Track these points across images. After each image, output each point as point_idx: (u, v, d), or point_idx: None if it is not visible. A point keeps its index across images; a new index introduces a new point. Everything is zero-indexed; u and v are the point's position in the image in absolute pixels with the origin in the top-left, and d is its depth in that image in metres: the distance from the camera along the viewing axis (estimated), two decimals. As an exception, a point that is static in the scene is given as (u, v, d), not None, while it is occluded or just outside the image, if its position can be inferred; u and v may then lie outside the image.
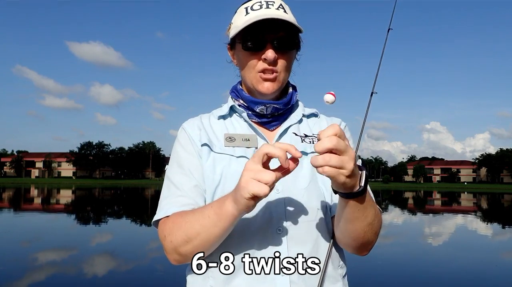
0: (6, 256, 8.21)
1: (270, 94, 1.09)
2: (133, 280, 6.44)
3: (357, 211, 0.93)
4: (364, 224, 0.97)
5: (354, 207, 0.92)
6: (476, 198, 44.08)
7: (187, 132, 1.13)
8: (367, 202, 0.94)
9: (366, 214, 0.95)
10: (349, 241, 1.02)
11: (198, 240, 0.95)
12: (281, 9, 1.06)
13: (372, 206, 0.98)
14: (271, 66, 1.06)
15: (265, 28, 1.04)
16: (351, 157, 0.82)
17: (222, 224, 0.92)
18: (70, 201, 28.82)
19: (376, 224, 1.00)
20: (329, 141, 0.80)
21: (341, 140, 0.81)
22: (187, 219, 0.97)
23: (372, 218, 0.98)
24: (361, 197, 0.91)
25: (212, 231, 0.93)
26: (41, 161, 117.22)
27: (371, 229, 0.99)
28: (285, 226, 1.01)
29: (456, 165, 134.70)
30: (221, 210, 0.91)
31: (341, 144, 0.81)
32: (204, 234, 0.94)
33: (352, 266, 1.18)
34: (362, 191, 0.89)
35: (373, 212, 0.98)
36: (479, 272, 7.42)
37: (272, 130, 1.14)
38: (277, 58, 1.06)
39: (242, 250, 1.00)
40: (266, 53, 1.04)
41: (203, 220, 0.93)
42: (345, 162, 0.81)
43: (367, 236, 1.00)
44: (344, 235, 1.01)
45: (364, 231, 0.98)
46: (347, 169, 0.81)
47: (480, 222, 17.28)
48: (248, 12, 1.07)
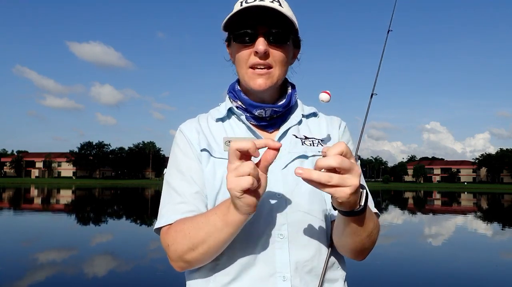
0: (6, 256, 8.20)
1: (263, 91, 1.05)
2: (133, 280, 6.44)
3: (357, 227, 0.93)
4: (363, 236, 0.96)
5: (354, 223, 0.92)
6: (476, 198, 44.05)
7: (186, 135, 1.10)
8: (365, 217, 0.93)
9: (365, 227, 0.94)
10: (347, 251, 1.02)
11: (205, 247, 0.94)
12: (276, 2, 1.03)
13: (371, 218, 0.97)
14: (263, 59, 1.03)
15: (257, 20, 1.01)
16: (356, 175, 0.81)
17: (229, 230, 0.91)
18: (70, 201, 28.80)
19: (374, 233, 1.00)
20: (334, 160, 0.79)
21: (345, 159, 0.79)
22: (191, 227, 0.95)
23: (371, 229, 0.97)
24: (361, 215, 0.90)
25: (218, 237, 0.92)
26: (41, 161, 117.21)
27: (369, 239, 0.99)
28: (287, 230, 1.00)
29: (456, 165, 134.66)
30: (227, 217, 0.89)
31: (345, 163, 0.79)
32: (211, 241, 0.93)
33: (352, 267, 1.18)
34: (362, 211, 0.88)
35: (371, 224, 0.97)
36: (479, 272, 7.42)
37: (271, 132, 1.12)
38: (269, 52, 1.03)
39: (243, 254, 0.99)
40: (256, 45, 1.01)
41: (209, 228, 0.92)
42: (347, 180, 0.80)
43: (366, 245, 1.00)
44: (343, 246, 1.01)
45: (362, 243, 0.98)
46: (351, 186, 0.80)
47: (480, 222, 17.26)
48: (242, 5, 1.04)
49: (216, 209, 0.94)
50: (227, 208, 0.89)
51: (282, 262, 0.99)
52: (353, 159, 0.82)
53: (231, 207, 0.88)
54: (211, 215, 0.93)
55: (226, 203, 0.91)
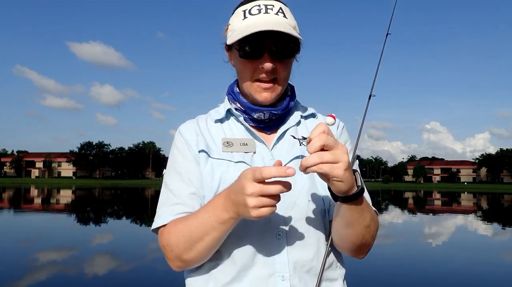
0: (6, 256, 8.21)
1: (268, 103, 1.07)
2: (134, 280, 6.44)
3: (356, 213, 0.94)
4: (362, 227, 0.97)
5: (353, 210, 0.93)
6: (476, 198, 44.06)
7: (184, 136, 1.11)
8: (364, 205, 0.95)
9: (364, 217, 0.96)
10: (347, 245, 1.02)
11: (201, 246, 0.95)
12: (280, 13, 1.03)
13: (369, 209, 0.99)
14: (269, 75, 1.04)
15: (263, 35, 1.00)
16: (343, 151, 0.84)
17: (224, 228, 0.93)
18: (70, 201, 28.81)
19: (373, 227, 1.01)
20: (319, 139, 0.82)
21: (329, 137, 0.83)
22: (185, 227, 0.96)
23: (369, 221, 0.98)
24: (359, 199, 0.92)
25: (214, 236, 0.94)
26: (41, 161, 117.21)
27: (368, 232, 1.00)
28: (285, 230, 1.01)
29: (456, 165, 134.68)
30: (222, 218, 0.91)
31: (330, 140, 0.83)
32: (207, 240, 0.94)
33: (351, 267, 1.18)
34: (361, 191, 0.90)
35: (369, 215, 0.98)
36: (479, 272, 7.42)
37: (270, 134, 1.13)
38: (275, 67, 1.03)
39: (242, 254, 1.00)
40: (263, 62, 1.02)
41: (203, 227, 0.93)
42: (338, 156, 0.83)
43: (365, 238, 1.00)
44: (343, 240, 1.01)
45: (362, 234, 0.99)
46: (342, 161, 0.83)
47: (480, 222, 17.27)
48: (246, 16, 1.03)
49: (208, 207, 0.95)
50: (222, 207, 0.90)
51: (280, 262, 0.99)
52: (334, 138, 0.85)
53: (228, 206, 0.89)
54: (205, 215, 0.94)
55: (219, 201, 0.92)
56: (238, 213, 0.88)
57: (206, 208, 0.95)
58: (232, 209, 0.89)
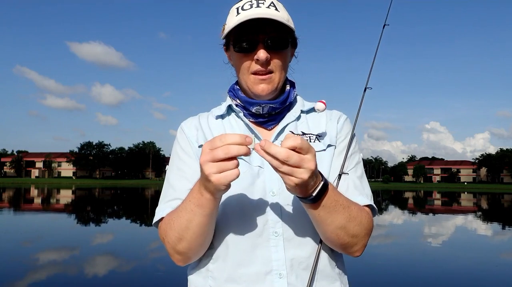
0: (6, 256, 8.21)
1: (266, 95, 1.09)
2: (134, 280, 6.44)
3: (323, 214, 0.93)
4: (333, 227, 0.96)
5: (315, 211, 0.93)
6: (476, 198, 44.06)
7: (185, 132, 1.14)
8: (332, 208, 0.93)
9: (333, 218, 0.95)
10: (329, 243, 1.02)
11: (190, 234, 0.96)
12: (272, 7, 1.04)
13: (342, 212, 0.95)
14: (264, 66, 1.06)
15: (256, 29, 1.03)
16: (313, 156, 0.83)
17: (203, 211, 0.93)
18: (70, 201, 28.81)
19: (352, 227, 0.98)
20: (294, 140, 0.81)
21: (305, 141, 0.82)
22: (174, 218, 0.99)
23: (343, 222, 0.96)
24: (315, 204, 0.91)
25: (196, 222, 0.94)
26: (41, 161, 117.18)
27: (344, 232, 0.97)
28: (282, 228, 1.01)
29: (456, 165, 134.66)
30: (201, 201, 0.92)
31: (305, 144, 0.82)
32: (192, 227, 0.95)
33: (352, 266, 1.19)
34: (313, 200, 0.90)
35: (344, 216, 0.96)
36: (479, 272, 7.42)
37: (270, 129, 1.14)
38: (270, 58, 1.05)
39: (239, 252, 1.01)
40: (258, 53, 1.04)
41: (187, 214, 0.95)
42: (305, 161, 0.82)
43: (342, 238, 0.98)
44: (322, 238, 1.02)
45: (335, 234, 0.97)
46: (306, 168, 0.82)
47: (480, 222, 17.27)
48: (239, 12, 1.05)
49: (189, 195, 0.96)
50: (200, 193, 0.91)
51: (277, 259, 1.00)
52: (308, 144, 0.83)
53: (200, 187, 0.90)
54: (187, 203, 0.95)
55: (195, 185, 0.93)
56: (207, 189, 0.88)
57: (187, 196, 0.97)
58: (203, 188, 0.90)
